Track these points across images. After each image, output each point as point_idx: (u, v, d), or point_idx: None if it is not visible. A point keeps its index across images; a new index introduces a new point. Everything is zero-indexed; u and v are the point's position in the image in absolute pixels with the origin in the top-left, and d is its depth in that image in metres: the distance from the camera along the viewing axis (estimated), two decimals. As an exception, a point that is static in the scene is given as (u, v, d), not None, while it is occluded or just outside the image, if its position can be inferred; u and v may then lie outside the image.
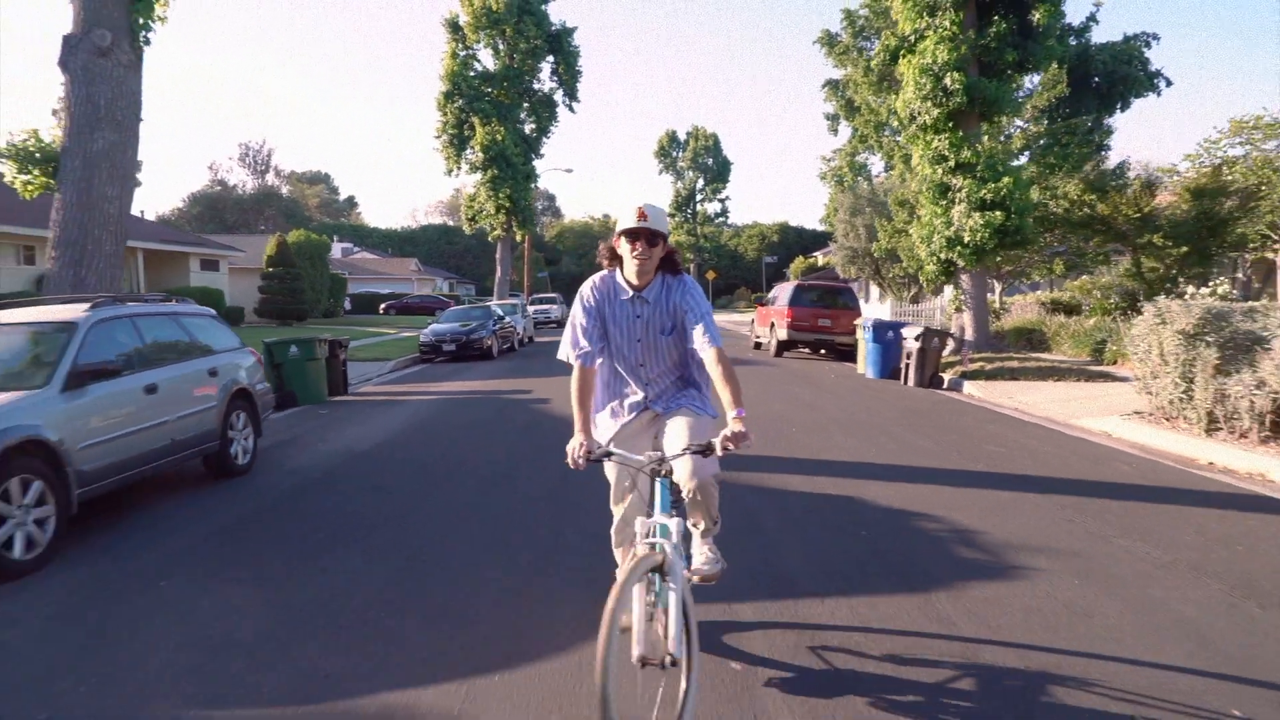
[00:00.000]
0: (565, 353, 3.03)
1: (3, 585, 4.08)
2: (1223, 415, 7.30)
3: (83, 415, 4.75)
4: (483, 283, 76.32)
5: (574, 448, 2.70)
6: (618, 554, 3.19)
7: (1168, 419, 8.14)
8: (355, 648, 3.29)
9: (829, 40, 27.18)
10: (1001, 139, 18.88)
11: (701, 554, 3.14)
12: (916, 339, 12.69)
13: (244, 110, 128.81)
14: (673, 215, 73.08)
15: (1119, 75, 48.12)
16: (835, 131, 38.84)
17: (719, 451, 2.57)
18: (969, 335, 15.04)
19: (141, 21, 8.50)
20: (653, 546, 2.42)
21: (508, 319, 21.13)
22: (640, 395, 3.10)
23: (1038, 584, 3.91)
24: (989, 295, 22.68)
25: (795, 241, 76.22)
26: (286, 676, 3.03)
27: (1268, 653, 3.16)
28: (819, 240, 61.56)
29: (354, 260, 58.54)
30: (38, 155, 8.28)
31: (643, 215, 2.82)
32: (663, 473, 2.60)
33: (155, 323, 5.93)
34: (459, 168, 35.99)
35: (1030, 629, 3.37)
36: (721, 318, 48.23)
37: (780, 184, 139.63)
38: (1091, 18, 49.19)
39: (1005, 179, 13.74)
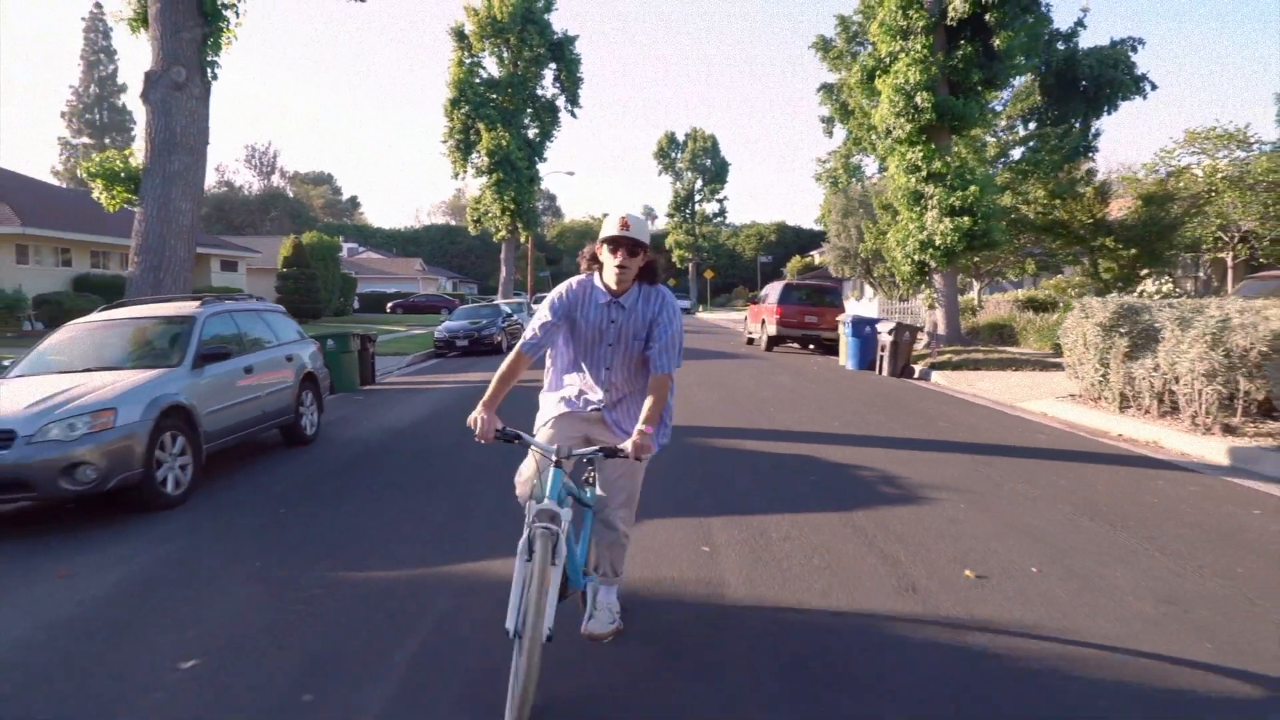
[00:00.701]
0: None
1: (160, 513, 5.42)
2: (1131, 395, 8.65)
3: (205, 388, 6.11)
4: (485, 282, 77.69)
5: (475, 419, 2.76)
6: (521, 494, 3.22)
7: (1092, 400, 9.49)
8: (434, 544, 4.64)
9: (824, 45, 28.19)
10: (978, 146, 20.20)
11: (602, 608, 3.21)
12: (890, 333, 14.03)
13: (249, 112, 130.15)
14: (671, 215, 74.42)
15: (1106, 79, 49.54)
16: (830, 134, 40.05)
17: (631, 457, 2.73)
18: (941, 330, 16.40)
19: (210, 59, 9.85)
20: (546, 528, 2.56)
21: (515, 316, 22.47)
22: (600, 396, 3.12)
23: (933, 508, 5.27)
24: (971, 293, 24.06)
25: (793, 241, 77.53)
26: (389, 561, 4.39)
27: (1085, 546, 4.50)
28: (816, 239, 62.83)
29: (360, 260, 59.82)
30: (122, 175, 9.62)
31: (625, 225, 2.87)
32: (559, 462, 2.73)
33: (245, 317, 7.30)
34: (465, 171, 37.29)
35: (917, 531, 4.73)
36: (719, 315, 49.61)
37: (778, 184, 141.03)
38: (1079, 23, 50.31)
39: (973, 187, 15.08)
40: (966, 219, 15.06)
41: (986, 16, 14.43)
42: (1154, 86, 52.30)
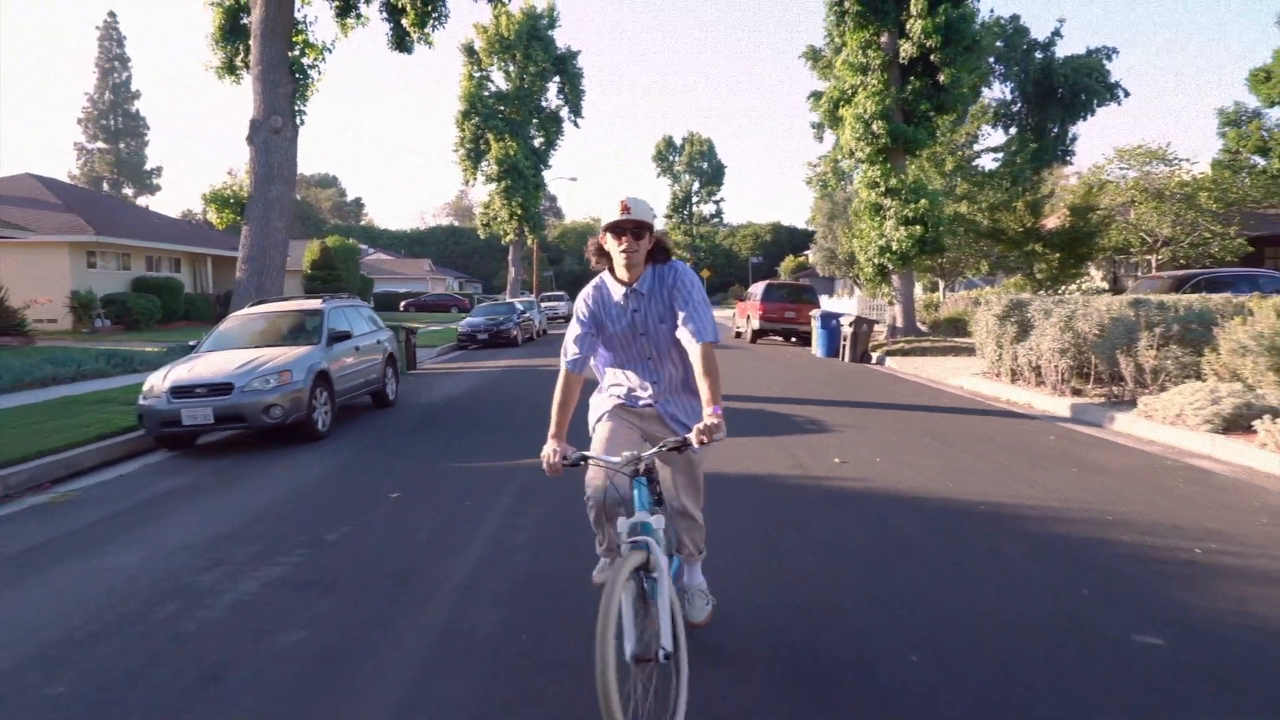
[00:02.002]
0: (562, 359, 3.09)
1: (315, 442, 8.02)
2: (1017, 369, 11.25)
3: (334, 359, 8.71)
4: (489, 281, 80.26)
5: (548, 454, 2.71)
6: (595, 530, 3.07)
7: (994, 374, 12.08)
8: (506, 455, 7.24)
9: (813, 55, 30.20)
10: (938, 160, 22.77)
11: (694, 593, 3.16)
12: (850, 325, 16.62)
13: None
14: (670, 216, 76.97)
15: (1081, 86, 52.29)
16: (820, 139, 42.56)
17: (694, 444, 2.59)
18: (899, 323, 19.00)
19: (298, 108, 12.45)
20: (636, 545, 2.45)
21: (527, 314, 25.08)
22: (650, 391, 3.10)
23: (832, 434, 7.88)
24: (936, 291, 26.67)
25: (787, 240, 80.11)
26: (482, 460, 6.99)
27: (918, 451, 7.08)
28: (809, 239, 65.33)
29: (370, 261, 62.35)
30: (231, 200, 12.22)
31: (626, 208, 2.78)
32: (640, 471, 2.65)
33: (350, 310, 9.90)
34: (475, 178, 39.90)
35: (814, 443, 7.33)
36: (716, 313, 52.02)
37: (774, 186, 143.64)
38: (1056, 32, 53.14)
39: (924, 200, 17.66)
40: (919, 228, 17.64)
41: (932, 57, 17.00)
42: (1126, 94, 54.83)
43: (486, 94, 39.38)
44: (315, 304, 9.25)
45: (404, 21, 13.51)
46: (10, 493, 6.31)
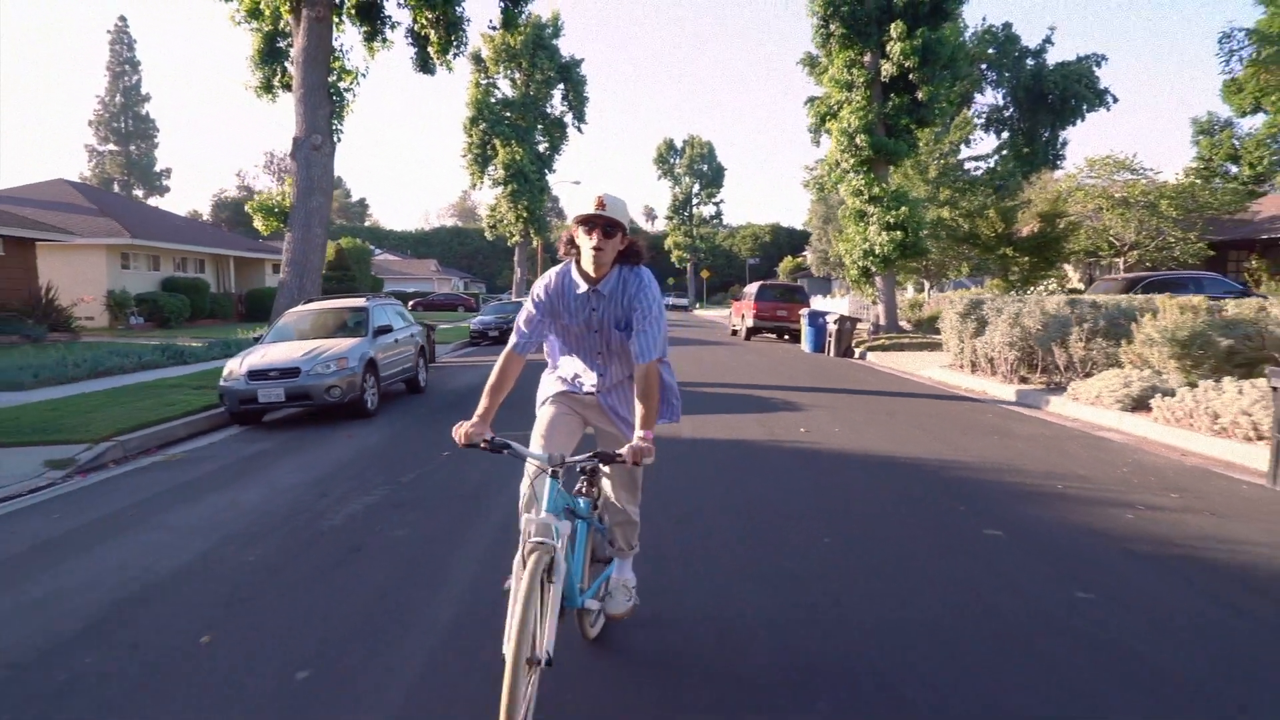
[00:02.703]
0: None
1: (366, 419, 9.46)
2: (976, 361, 12.68)
3: (379, 349, 10.16)
4: (492, 281, 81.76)
5: (466, 430, 2.86)
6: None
7: (958, 366, 13.52)
8: (524, 428, 8.67)
9: (810, 61, 31.72)
10: (922, 169, 24.19)
11: (617, 587, 3.17)
12: (835, 323, 18.05)
13: (264, 116, 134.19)
14: (670, 217, 78.39)
15: (1071, 92, 53.64)
16: (817, 143, 44.23)
17: (629, 464, 2.60)
18: (882, 321, 20.43)
19: (336, 127, 13.90)
20: (543, 546, 2.46)
21: (535, 312, 26.53)
22: (594, 380, 3.14)
23: (803, 411, 9.31)
24: (922, 292, 28.06)
25: (786, 241, 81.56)
26: (503, 433, 8.44)
27: (871, 423, 8.51)
28: (807, 240, 66.82)
29: (378, 261, 63.81)
30: (275, 210, 13.67)
31: (601, 204, 2.73)
32: (556, 472, 2.70)
33: (388, 307, 11.35)
34: (482, 182, 41.39)
35: (786, 419, 8.77)
36: (714, 312, 53.67)
37: (773, 186, 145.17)
38: (1047, 40, 54.94)
39: (904, 208, 19.09)
40: (900, 233, 19.08)
41: (911, 75, 18.44)
42: (1115, 99, 56.27)
43: (493, 101, 40.83)
44: (360, 302, 10.71)
45: (429, 48, 14.96)
46: (129, 454, 7.76)
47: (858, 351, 18.30)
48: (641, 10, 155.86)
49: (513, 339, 3.07)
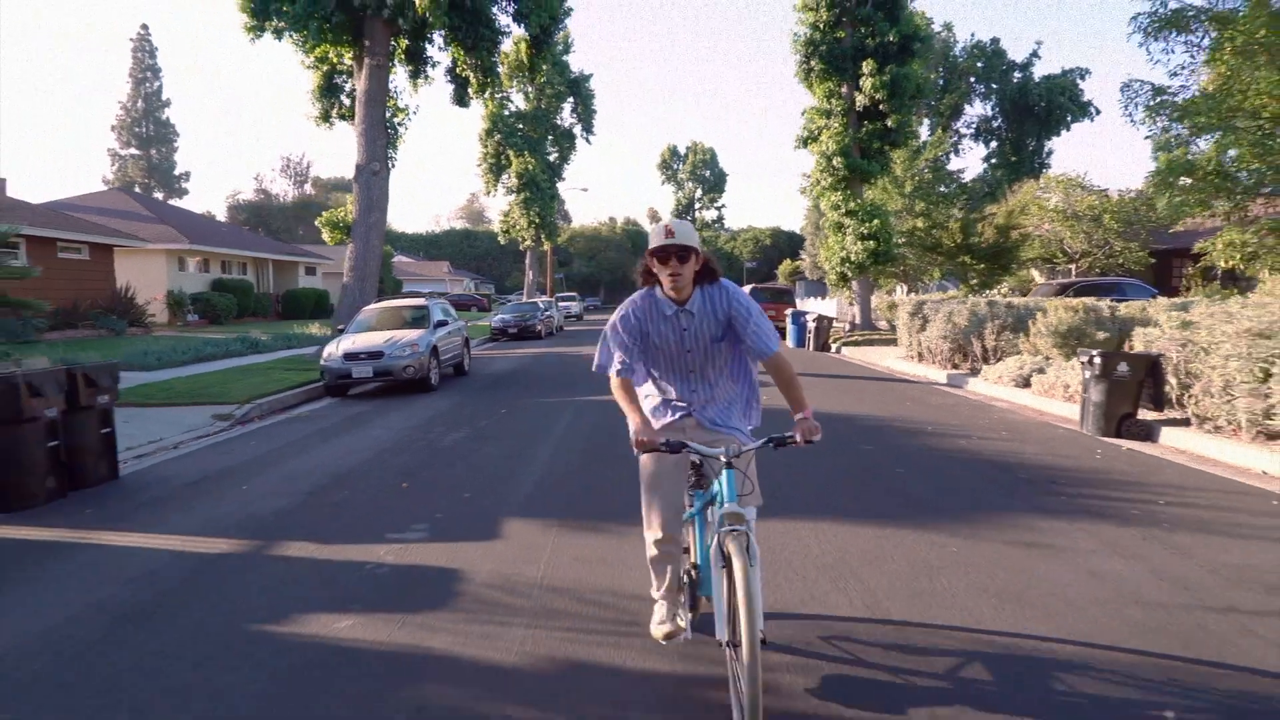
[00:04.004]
0: (601, 365, 3.17)
1: (431, 392, 12.16)
2: (921, 352, 15.34)
3: (438, 338, 12.86)
4: (501, 282, 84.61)
5: (637, 431, 2.85)
6: (655, 575, 3.19)
7: (909, 357, 16.17)
8: (557, 396, 11.37)
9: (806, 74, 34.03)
10: (899, 183, 26.79)
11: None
12: (814, 321, 20.71)
13: (278, 119, 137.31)
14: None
15: (1056, 104, 56.37)
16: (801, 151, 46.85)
17: (800, 442, 2.75)
18: (857, 320, 23.10)
19: (390, 154, 16.62)
20: (736, 532, 2.54)
21: (548, 311, 29.23)
22: (685, 403, 3.18)
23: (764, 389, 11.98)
24: (897, 294, 30.62)
25: (786, 244, 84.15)
26: (541, 398, 11.14)
27: (821, 395, 11.18)
28: (803, 244, 69.43)
29: (392, 263, 66.67)
30: (341, 226, 16.39)
31: (670, 232, 2.84)
32: (732, 465, 2.74)
33: (440, 305, 14.05)
34: (496, 189, 44.11)
35: (772, 394, 11.44)
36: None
37: (774, 191, 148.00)
38: (1034, 54, 57.64)
39: (877, 220, 21.74)
40: (873, 242, 21.73)
41: (881, 106, 21.12)
42: (1098, 111, 58.91)
43: (507, 114, 43.53)
44: (422, 301, 13.43)
45: (468, 88, 17.68)
46: (263, 414, 10.47)
47: (834, 346, 20.95)
48: (646, 19, 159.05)
49: (617, 366, 3.07)
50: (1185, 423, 8.02)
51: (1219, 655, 3.13)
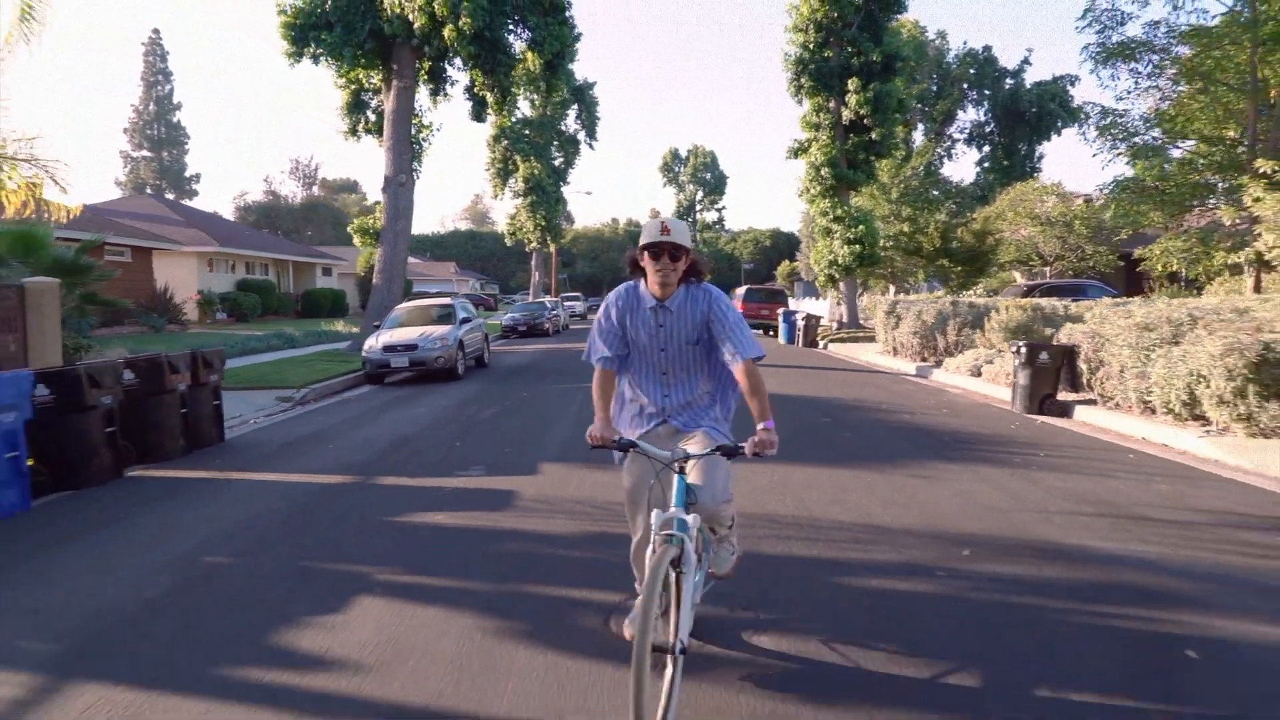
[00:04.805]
0: (587, 355, 3.24)
1: (458, 381, 13.84)
2: (895, 347, 17.00)
3: (463, 333, 14.54)
4: (506, 282, 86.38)
5: (594, 429, 2.93)
6: (637, 570, 3.21)
7: (886, 352, 17.83)
8: (569, 382, 13.06)
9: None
10: (886, 190, 28.44)
11: (721, 553, 3.35)
12: (803, 320, 22.37)
13: (285, 120, 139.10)
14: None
15: (1046, 110, 58.12)
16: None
17: (749, 454, 2.74)
18: (844, 319, 24.76)
19: (415, 166, 18.32)
20: (669, 539, 2.54)
21: (555, 310, 30.92)
22: (658, 407, 3.20)
23: (770, 379, 13.65)
24: (888, 294, 32.26)
25: (785, 245, 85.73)
26: (555, 384, 12.83)
27: (799, 383, 12.84)
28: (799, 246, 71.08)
29: (401, 264, 68.39)
30: (370, 232, 18.09)
31: (666, 229, 2.86)
32: (683, 467, 2.78)
33: (463, 303, 15.74)
34: (504, 193, 45.81)
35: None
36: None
37: (774, 192, 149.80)
38: (1025, 61, 59.27)
39: (862, 226, 23.39)
40: (858, 247, 23.39)
41: (865, 120, 22.79)
42: (1088, 116, 60.68)
43: (515, 121, 45.21)
44: (448, 300, 15.12)
45: (486, 106, 19.38)
46: (317, 396, 12.15)
47: (821, 343, 22.61)
48: (647, 23, 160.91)
49: (598, 356, 3.16)
50: (1094, 402, 9.69)
51: (1020, 532, 4.79)
